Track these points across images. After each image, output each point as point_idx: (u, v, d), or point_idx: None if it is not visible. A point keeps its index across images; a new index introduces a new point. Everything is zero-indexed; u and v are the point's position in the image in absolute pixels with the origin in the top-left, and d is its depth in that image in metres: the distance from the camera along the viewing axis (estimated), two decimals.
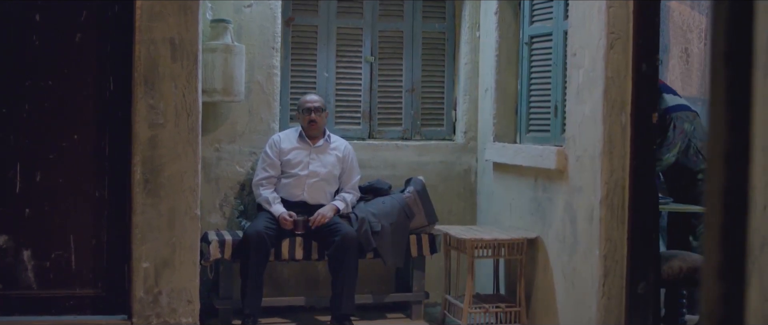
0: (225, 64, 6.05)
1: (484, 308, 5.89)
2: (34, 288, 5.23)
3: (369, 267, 6.45)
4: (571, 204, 5.38)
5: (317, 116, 6.22)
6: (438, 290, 6.60)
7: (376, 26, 6.88)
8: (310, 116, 6.20)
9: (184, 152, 5.20)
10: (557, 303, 5.54)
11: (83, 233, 5.27)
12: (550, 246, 5.65)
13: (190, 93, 5.20)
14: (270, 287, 6.30)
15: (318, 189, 6.24)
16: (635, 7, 4.98)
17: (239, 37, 6.35)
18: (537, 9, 6.18)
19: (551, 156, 5.55)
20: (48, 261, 5.23)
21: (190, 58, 5.19)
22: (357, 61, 6.86)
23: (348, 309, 5.89)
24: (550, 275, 5.64)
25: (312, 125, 6.23)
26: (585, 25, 5.23)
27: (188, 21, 5.18)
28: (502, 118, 6.52)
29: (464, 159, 7.00)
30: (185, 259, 5.23)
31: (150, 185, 5.16)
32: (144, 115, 5.15)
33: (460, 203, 7.00)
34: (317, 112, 6.22)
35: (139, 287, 5.18)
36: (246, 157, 6.48)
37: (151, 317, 5.19)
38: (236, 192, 6.48)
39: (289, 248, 6.03)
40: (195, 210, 5.24)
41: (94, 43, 5.26)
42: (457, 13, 7.03)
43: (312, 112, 6.20)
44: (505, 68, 6.50)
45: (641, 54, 4.98)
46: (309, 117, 6.21)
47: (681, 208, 5.89)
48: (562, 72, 5.70)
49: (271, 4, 6.46)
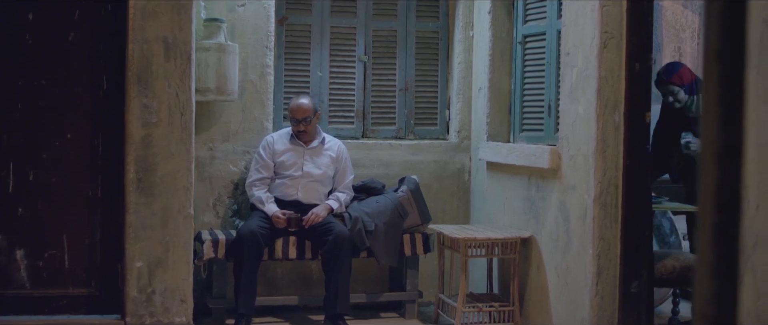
0: (218, 63, 6.04)
1: (477, 307, 5.89)
2: (28, 288, 5.22)
3: (363, 266, 6.45)
4: (564, 203, 5.39)
5: (306, 126, 6.18)
6: (432, 289, 6.61)
7: (370, 25, 6.88)
8: (298, 127, 6.18)
9: (177, 151, 5.19)
10: (550, 302, 5.54)
11: (76, 232, 5.26)
12: (544, 245, 5.66)
13: (184, 92, 5.20)
14: (263, 286, 6.29)
15: (312, 189, 6.23)
16: (628, 7, 4.99)
17: (233, 36, 6.34)
18: (530, 8, 6.19)
19: (545, 155, 5.55)
20: (41, 260, 5.22)
21: (183, 57, 5.18)
22: (350, 60, 6.85)
23: (342, 308, 5.89)
24: (544, 274, 5.64)
25: (301, 135, 6.21)
26: (578, 25, 5.23)
27: (182, 20, 5.17)
28: (495, 117, 6.53)
29: (458, 158, 7.00)
30: (179, 258, 5.22)
31: (143, 184, 5.16)
32: (137, 115, 5.14)
33: (454, 202, 7.00)
34: (305, 122, 6.18)
35: (132, 287, 5.17)
36: (239, 157, 6.47)
37: (144, 317, 5.19)
38: (230, 191, 6.47)
39: (283, 248, 6.02)
40: (188, 209, 5.23)
41: (87, 42, 5.25)
42: (451, 13, 7.03)
43: (300, 123, 6.17)
44: (498, 67, 6.51)
45: (634, 53, 4.98)
46: (297, 128, 6.18)
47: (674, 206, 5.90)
48: (556, 71, 5.71)
49: (265, 4, 6.46)
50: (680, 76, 6.06)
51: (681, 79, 6.04)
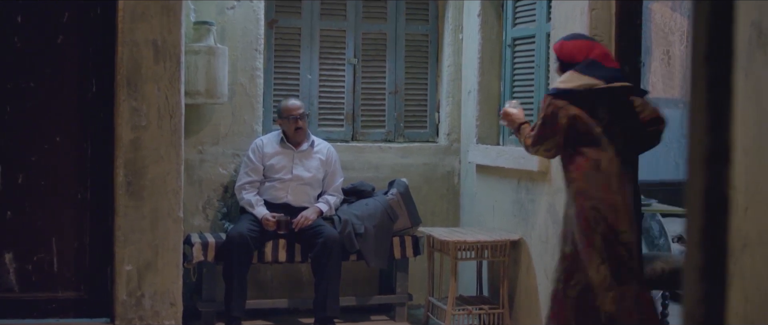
0: (208, 66, 6.03)
1: (467, 309, 5.90)
2: (16, 291, 5.21)
3: (352, 269, 6.44)
4: (553, 205, 5.39)
5: (303, 123, 6.21)
6: (421, 291, 6.61)
7: (359, 28, 6.88)
8: (297, 124, 6.19)
9: (166, 154, 5.19)
10: (540, 304, 5.54)
11: (65, 235, 5.25)
12: (533, 247, 5.66)
13: (173, 95, 5.19)
14: (253, 289, 6.28)
15: (301, 192, 6.23)
16: (617, 9, 5.00)
17: (222, 38, 6.33)
18: (520, 11, 6.20)
19: (534, 158, 5.56)
20: (30, 264, 5.21)
21: (172, 60, 5.18)
22: (340, 63, 6.85)
23: (332, 311, 5.88)
24: (533, 276, 5.65)
25: (299, 132, 6.21)
26: (567, 27, 5.24)
27: (171, 23, 5.17)
28: (485, 120, 6.53)
29: (447, 161, 7.01)
30: (168, 261, 5.22)
31: (132, 187, 5.15)
32: (126, 117, 5.14)
33: (443, 204, 7.01)
34: (303, 118, 6.21)
35: (121, 290, 5.16)
36: (229, 159, 6.47)
37: (133, 320, 5.18)
38: (219, 194, 6.46)
39: (272, 250, 6.02)
40: (178, 212, 5.23)
41: (76, 44, 5.24)
42: (440, 15, 7.03)
43: (298, 119, 6.19)
44: (488, 70, 6.51)
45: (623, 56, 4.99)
46: (296, 124, 6.18)
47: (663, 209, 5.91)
48: (545, 74, 5.71)
49: (254, 6, 6.46)
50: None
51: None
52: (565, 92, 4.44)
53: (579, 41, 4.60)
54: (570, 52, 4.57)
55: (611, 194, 4.33)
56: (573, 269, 4.43)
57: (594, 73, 4.44)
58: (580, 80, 4.43)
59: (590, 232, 4.33)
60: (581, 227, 4.38)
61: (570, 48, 4.58)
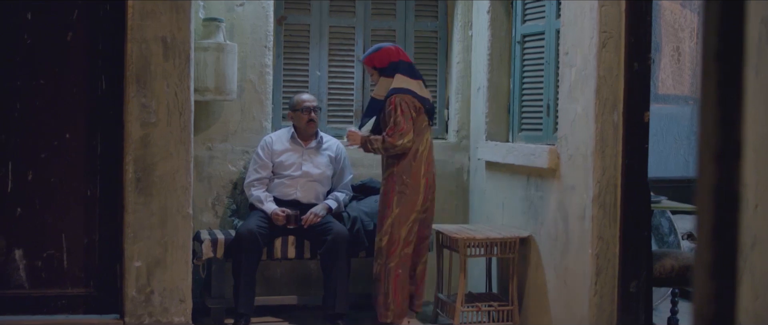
0: (217, 63, 6.04)
1: (476, 306, 5.89)
2: (26, 287, 5.22)
3: (361, 266, 6.44)
4: (563, 203, 5.39)
5: (315, 116, 6.22)
6: (430, 288, 6.60)
7: (369, 25, 6.88)
8: (309, 116, 6.19)
9: (176, 151, 5.19)
10: (549, 302, 5.54)
11: (75, 232, 5.26)
12: (543, 245, 5.66)
13: (183, 92, 5.20)
14: (262, 286, 6.29)
15: (310, 189, 6.23)
16: (627, 6, 4.99)
17: (231, 35, 6.34)
18: (529, 8, 6.19)
19: (543, 155, 5.55)
20: (40, 260, 5.22)
21: (182, 57, 5.18)
22: (349, 59, 6.85)
23: (340, 308, 5.89)
24: (542, 273, 5.64)
25: (311, 125, 6.21)
26: (577, 24, 5.23)
27: (180, 19, 5.17)
28: (494, 117, 6.53)
29: (456, 158, 7.00)
30: (177, 258, 5.22)
31: (142, 184, 5.15)
32: (136, 114, 5.14)
33: (453, 201, 7.00)
34: (315, 111, 6.22)
35: (131, 286, 5.17)
36: (238, 156, 6.47)
37: (143, 317, 5.18)
38: (228, 191, 6.47)
39: (282, 247, 6.02)
40: (187, 209, 5.23)
41: (85, 41, 5.24)
42: (450, 12, 7.03)
43: (312, 111, 6.19)
44: (497, 67, 6.51)
45: (633, 53, 4.98)
46: (308, 116, 6.19)
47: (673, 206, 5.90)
48: (555, 71, 5.71)
49: (264, 3, 6.46)
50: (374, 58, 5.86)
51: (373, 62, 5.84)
52: (407, 90, 5.59)
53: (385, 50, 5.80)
54: (381, 60, 5.73)
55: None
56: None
57: (413, 73, 5.74)
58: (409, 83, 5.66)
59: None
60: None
61: (381, 55, 5.73)
